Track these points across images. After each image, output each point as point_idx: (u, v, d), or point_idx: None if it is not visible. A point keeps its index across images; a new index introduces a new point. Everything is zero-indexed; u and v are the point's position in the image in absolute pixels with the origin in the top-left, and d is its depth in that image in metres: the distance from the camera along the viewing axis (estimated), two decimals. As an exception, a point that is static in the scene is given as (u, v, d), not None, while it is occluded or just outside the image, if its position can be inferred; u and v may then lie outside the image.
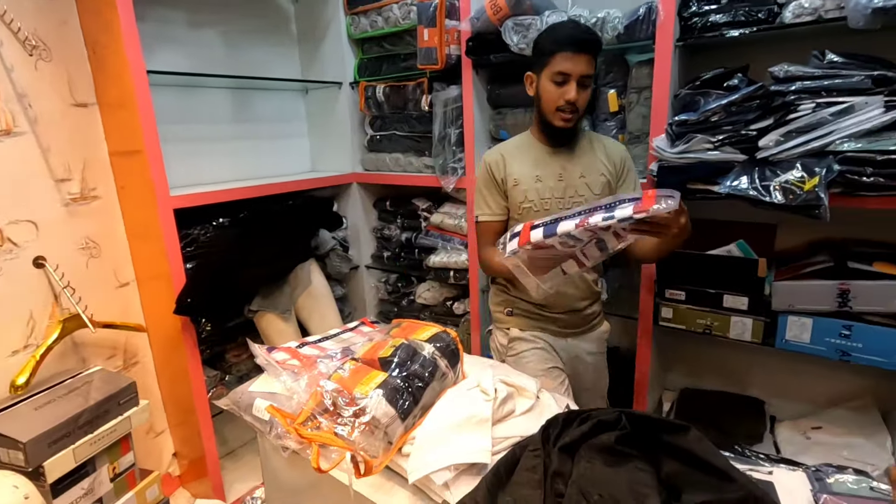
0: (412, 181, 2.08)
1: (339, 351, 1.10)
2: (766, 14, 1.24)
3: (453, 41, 1.74)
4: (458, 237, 2.02)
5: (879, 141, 1.10)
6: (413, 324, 1.10)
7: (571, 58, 1.18)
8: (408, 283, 2.33)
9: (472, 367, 1.09)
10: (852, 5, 1.09)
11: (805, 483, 0.84)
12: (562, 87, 1.21)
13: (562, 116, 1.23)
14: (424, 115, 1.97)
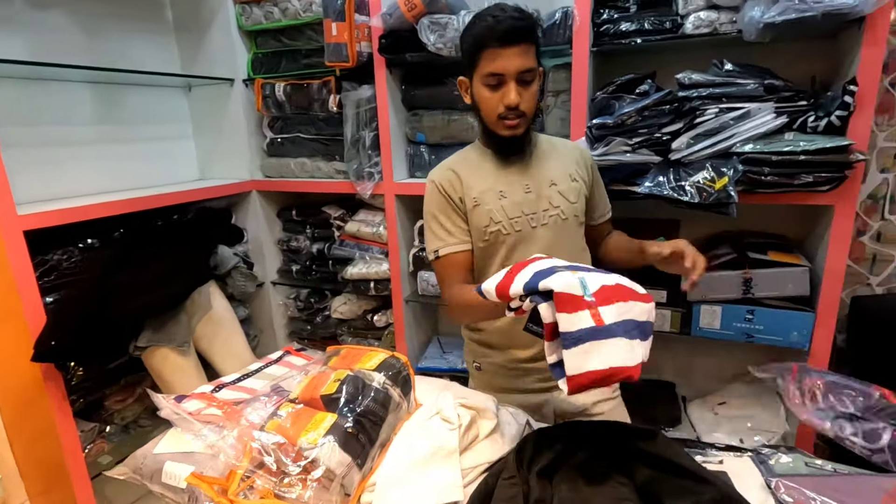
0: (322, 188, 1.92)
1: (269, 391, 0.95)
2: (671, 24, 1.32)
3: (364, 38, 1.63)
4: (376, 246, 1.91)
5: (773, 143, 1.22)
6: (354, 350, 0.98)
7: (500, 53, 0.97)
8: (321, 297, 2.16)
9: (423, 392, 1.00)
10: (746, 20, 1.19)
11: (753, 468, 0.89)
12: (498, 89, 1.01)
13: (506, 125, 1.03)
14: (333, 117, 1.83)
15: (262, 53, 1.95)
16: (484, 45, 0.99)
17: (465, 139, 1.67)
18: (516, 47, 0.98)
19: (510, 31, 0.97)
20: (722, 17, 1.27)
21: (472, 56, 1.02)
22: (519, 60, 0.99)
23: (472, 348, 1.22)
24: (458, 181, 1.11)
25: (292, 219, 2.12)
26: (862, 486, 0.82)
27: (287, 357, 1.16)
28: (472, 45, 1.02)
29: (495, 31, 0.98)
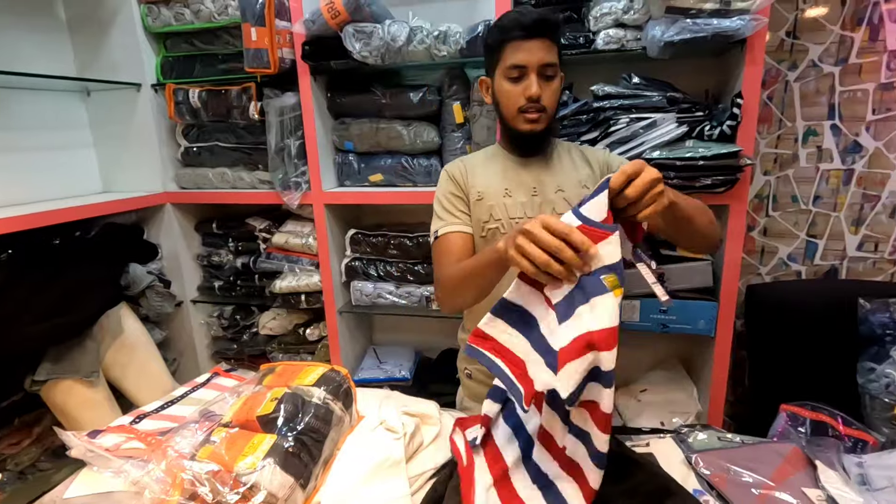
0: (245, 199, 1.83)
1: (199, 417, 0.89)
2: (584, 40, 1.41)
3: (285, 44, 1.58)
4: (306, 257, 1.85)
5: (676, 150, 1.34)
6: (290, 367, 0.95)
7: (524, 45, 0.98)
8: (247, 313, 2.05)
9: (364, 403, 0.98)
10: (649, 39, 1.30)
11: (675, 447, 0.97)
12: (520, 82, 1.00)
13: (526, 118, 1.01)
14: (255, 125, 1.75)
15: (172, 57, 1.82)
16: (509, 37, 0.99)
17: (394, 147, 1.68)
18: (540, 41, 0.99)
19: (536, 22, 0.98)
20: (628, 34, 1.38)
21: (495, 49, 1.02)
22: (542, 53, 0.99)
23: (464, 355, 1.21)
24: (466, 173, 1.12)
25: (213, 232, 2.00)
26: (764, 453, 0.92)
27: (216, 379, 1.09)
28: (497, 38, 1.02)
29: (521, 22, 0.99)
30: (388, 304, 1.79)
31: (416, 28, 1.48)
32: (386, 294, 1.78)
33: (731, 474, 0.86)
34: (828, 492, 0.81)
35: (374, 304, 1.81)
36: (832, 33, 1.49)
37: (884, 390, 1.36)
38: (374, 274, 1.79)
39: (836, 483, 0.83)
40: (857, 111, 1.52)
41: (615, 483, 0.79)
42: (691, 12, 1.23)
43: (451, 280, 0.97)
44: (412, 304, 1.76)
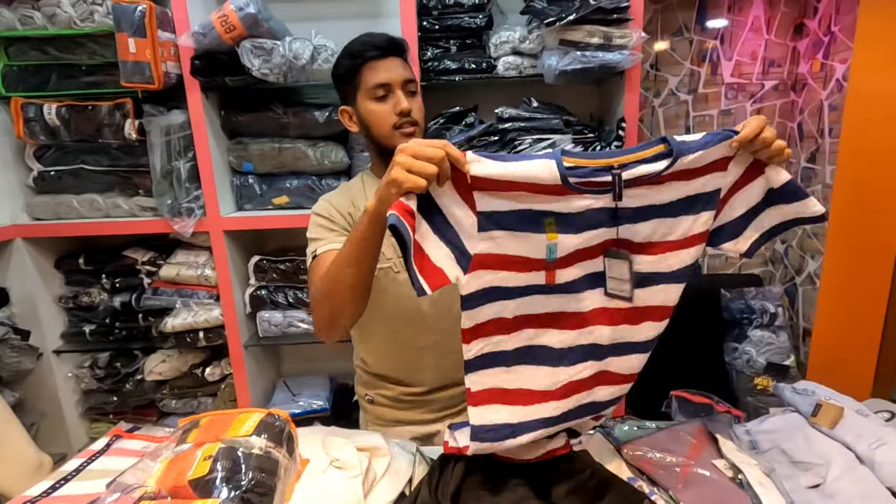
0: (122, 229, 1.61)
1: (111, 493, 0.75)
2: (486, 65, 1.50)
3: (170, 57, 1.44)
4: (203, 290, 1.67)
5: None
6: (218, 417, 0.85)
7: (381, 64, 0.97)
8: (129, 359, 1.80)
9: (303, 445, 0.92)
10: (545, 67, 1.42)
11: (604, 441, 1.06)
12: (387, 100, 0.98)
13: (404, 133, 0.98)
14: (132, 145, 1.56)
15: (18, 66, 1.55)
16: (364, 60, 0.98)
17: (299, 168, 1.61)
18: (395, 59, 1.00)
19: (388, 42, 0.99)
20: (525, 62, 1.50)
21: (352, 75, 1.00)
22: (401, 70, 0.99)
23: (365, 380, 1.16)
24: (352, 205, 1.03)
25: (79, 269, 1.72)
26: (677, 435, 1.04)
27: (118, 443, 0.94)
28: (350, 63, 1.00)
29: (373, 43, 0.98)
30: (301, 332, 1.69)
31: (321, 47, 1.45)
32: (297, 322, 1.69)
33: (656, 458, 0.96)
34: (731, 461, 0.94)
35: (284, 334, 1.70)
36: (684, 67, 1.77)
37: (745, 365, 1.62)
38: (283, 302, 1.68)
39: (735, 452, 0.97)
40: (706, 132, 1.82)
41: (561, 482, 0.84)
42: (581, 45, 1.37)
43: (323, 286, 0.88)
44: (327, 330, 1.68)
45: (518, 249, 0.73)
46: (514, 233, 0.72)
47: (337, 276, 0.86)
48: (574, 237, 0.74)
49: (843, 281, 1.61)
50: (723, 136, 0.73)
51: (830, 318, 1.64)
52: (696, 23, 1.73)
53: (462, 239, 0.72)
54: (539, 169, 0.70)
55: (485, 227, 0.72)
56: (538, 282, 0.76)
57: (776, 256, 1.88)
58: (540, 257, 0.74)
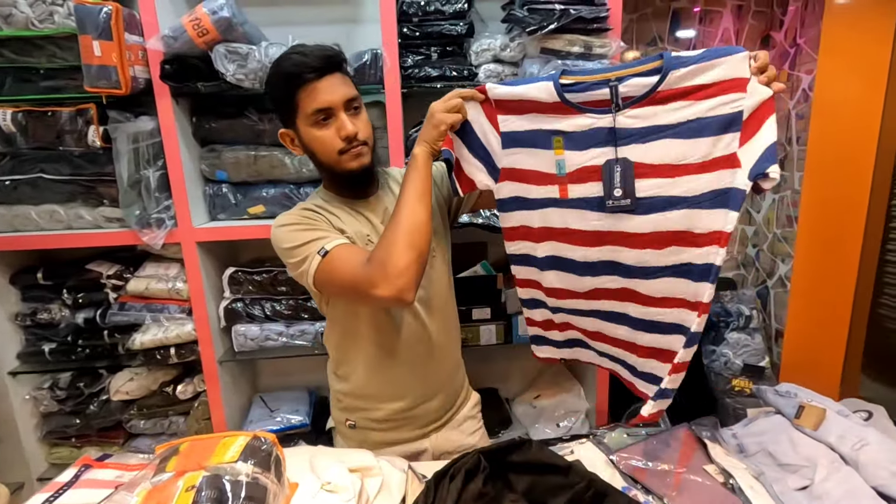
0: (85, 241, 1.52)
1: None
2: (467, 73, 1.49)
3: (137, 61, 1.37)
4: (174, 304, 1.60)
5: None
6: (200, 442, 0.81)
7: (320, 86, 0.89)
8: (94, 378, 1.70)
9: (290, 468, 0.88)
10: (527, 75, 1.43)
11: (595, 449, 1.05)
12: (330, 125, 0.91)
13: (352, 154, 0.93)
14: (97, 153, 1.47)
15: (-33, 69, 1.45)
16: (300, 82, 0.89)
17: (276, 176, 1.56)
18: (334, 76, 0.91)
19: (324, 60, 0.90)
20: (506, 69, 1.50)
21: (288, 99, 0.91)
22: (342, 89, 0.92)
23: (346, 405, 1.10)
24: (327, 213, 0.98)
25: (37, 284, 1.62)
26: (665, 441, 1.05)
27: (88, 473, 0.87)
28: (285, 86, 0.91)
29: (307, 64, 0.89)
30: (279, 346, 1.63)
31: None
32: (275, 335, 1.63)
33: (648, 466, 0.96)
34: (721, 465, 0.95)
35: (261, 348, 1.64)
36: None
37: (723, 367, 1.65)
38: (259, 315, 1.63)
39: (723, 456, 0.98)
40: (680, 140, 1.86)
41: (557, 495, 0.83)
42: (561, 53, 1.38)
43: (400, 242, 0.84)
44: (306, 343, 1.63)
45: (533, 164, 0.91)
46: (529, 149, 0.90)
47: (412, 216, 0.87)
48: (579, 154, 0.86)
49: (812, 283, 1.66)
50: (725, 51, 0.75)
51: (801, 320, 1.70)
52: (669, 33, 1.77)
53: (493, 156, 0.93)
54: (538, 89, 0.85)
55: (507, 144, 0.91)
56: (553, 195, 0.91)
57: (748, 260, 1.93)
58: (551, 172, 0.89)
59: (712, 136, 0.76)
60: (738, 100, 0.74)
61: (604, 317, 0.99)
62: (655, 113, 0.79)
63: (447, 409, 1.13)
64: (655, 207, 0.83)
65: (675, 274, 0.86)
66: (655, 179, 0.81)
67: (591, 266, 0.93)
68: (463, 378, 1.20)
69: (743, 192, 0.78)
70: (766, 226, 1.83)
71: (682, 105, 0.77)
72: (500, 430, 1.76)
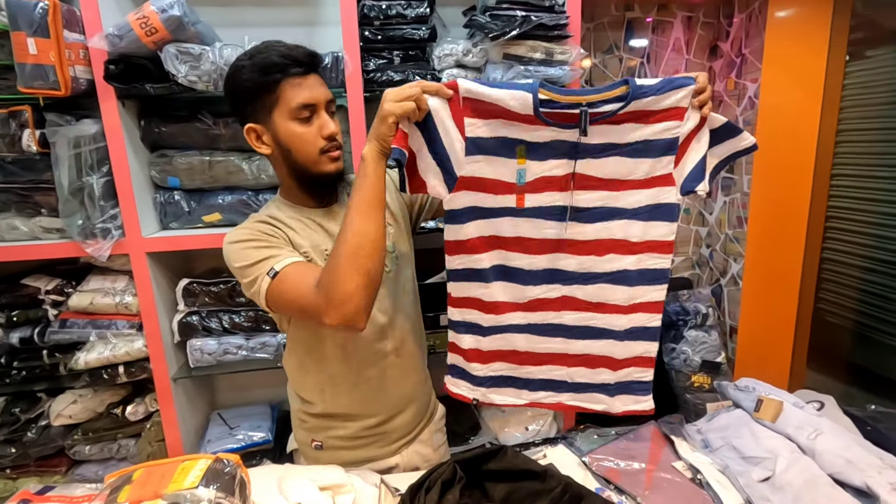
0: (20, 254, 1.40)
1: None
2: (431, 78, 1.48)
3: (79, 60, 1.28)
4: (122, 319, 1.50)
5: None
6: (156, 469, 0.75)
7: (305, 82, 0.87)
8: (31, 403, 1.57)
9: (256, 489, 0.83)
10: (490, 80, 1.43)
11: (567, 452, 1.05)
12: (311, 122, 0.88)
13: (331, 157, 0.91)
14: (32, 159, 1.37)
15: None
16: (283, 76, 0.86)
17: (233, 183, 1.50)
18: (317, 76, 0.91)
19: (310, 58, 0.89)
20: (469, 75, 1.50)
21: (266, 92, 0.87)
22: (324, 89, 0.91)
23: (312, 425, 1.05)
24: (283, 226, 0.93)
25: (-36, 302, 1.48)
26: (635, 439, 1.07)
27: (27, 509, 0.80)
28: (265, 79, 0.86)
29: (294, 58, 0.86)
30: (239, 360, 1.56)
31: (255, 54, 1.35)
32: (234, 349, 1.56)
33: (620, 466, 0.97)
34: (688, 461, 0.98)
35: (219, 362, 1.56)
36: (616, 83, 1.86)
37: (683, 364, 1.71)
38: (216, 328, 1.55)
39: (690, 452, 1.01)
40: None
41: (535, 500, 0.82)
42: (524, 59, 1.39)
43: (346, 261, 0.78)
44: (268, 356, 1.57)
45: (494, 173, 0.88)
46: (493, 157, 0.87)
47: (358, 235, 0.80)
48: (540, 164, 0.87)
49: (761, 281, 1.75)
50: (678, 83, 0.82)
51: (753, 316, 1.78)
52: (624, 41, 1.83)
53: (452, 162, 0.87)
54: (514, 98, 0.83)
55: (471, 151, 0.87)
56: (510, 204, 0.90)
57: (702, 260, 2.02)
58: (511, 181, 0.89)
59: (654, 158, 0.86)
60: (677, 127, 0.84)
61: (538, 330, 0.97)
62: (612, 131, 0.85)
63: (418, 421, 1.11)
64: (598, 218, 0.90)
65: (611, 281, 0.93)
66: (603, 192, 0.89)
67: (535, 275, 0.94)
68: (430, 388, 1.18)
69: (678, 206, 0.90)
70: (718, 227, 1.91)
71: (634, 127, 0.85)
72: (469, 437, 1.75)
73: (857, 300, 1.86)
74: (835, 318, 1.90)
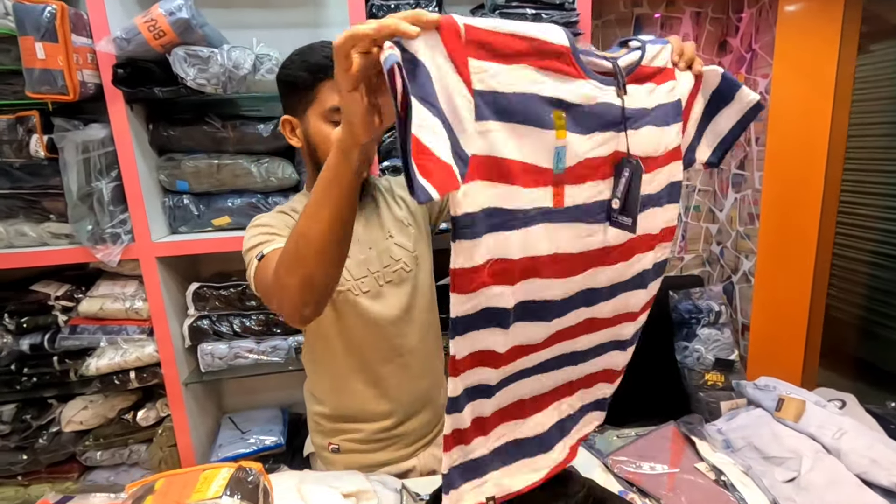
0: (28, 260, 1.40)
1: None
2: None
3: (86, 64, 1.27)
4: (133, 324, 1.49)
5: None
6: (177, 478, 0.74)
7: None
8: (42, 409, 1.56)
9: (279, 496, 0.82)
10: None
11: (588, 455, 1.04)
12: None
13: None
14: (41, 164, 1.36)
15: None
16: (325, 76, 0.87)
17: (241, 186, 1.49)
18: None
19: None
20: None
21: (307, 89, 0.89)
22: None
23: (327, 428, 1.04)
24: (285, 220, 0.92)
25: (-26, 309, 1.47)
26: (655, 440, 1.06)
27: (46, 520, 0.79)
28: (308, 77, 0.88)
29: None
30: (250, 363, 1.55)
31: (264, 56, 1.35)
32: (245, 353, 1.55)
33: (642, 469, 0.96)
34: (711, 462, 0.97)
35: (230, 367, 1.56)
36: (624, 80, 1.84)
37: (696, 363, 1.70)
38: (227, 332, 1.54)
39: (711, 453, 1.00)
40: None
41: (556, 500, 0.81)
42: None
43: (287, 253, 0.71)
44: (279, 359, 1.56)
45: (522, 152, 0.55)
46: (518, 125, 0.55)
47: (305, 229, 0.68)
48: (584, 139, 0.59)
49: (773, 278, 1.74)
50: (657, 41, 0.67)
51: (765, 313, 1.77)
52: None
53: (456, 131, 0.52)
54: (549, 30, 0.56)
55: (483, 114, 0.53)
56: (544, 204, 0.58)
57: (713, 257, 2.00)
58: (547, 166, 0.57)
59: (669, 126, 0.67)
60: (676, 87, 0.68)
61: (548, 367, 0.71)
62: (639, 93, 0.64)
63: (435, 423, 1.10)
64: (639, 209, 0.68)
65: (634, 286, 0.72)
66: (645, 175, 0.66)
67: (568, 303, 0.66)
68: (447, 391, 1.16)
69: (681, 184, 0.72)
70: (729, 224, 1.90)
71: (651, 88, 0.65)
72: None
73: (867, 296, 1.85)
74: (844, 314, 1.89)
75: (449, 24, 0.50)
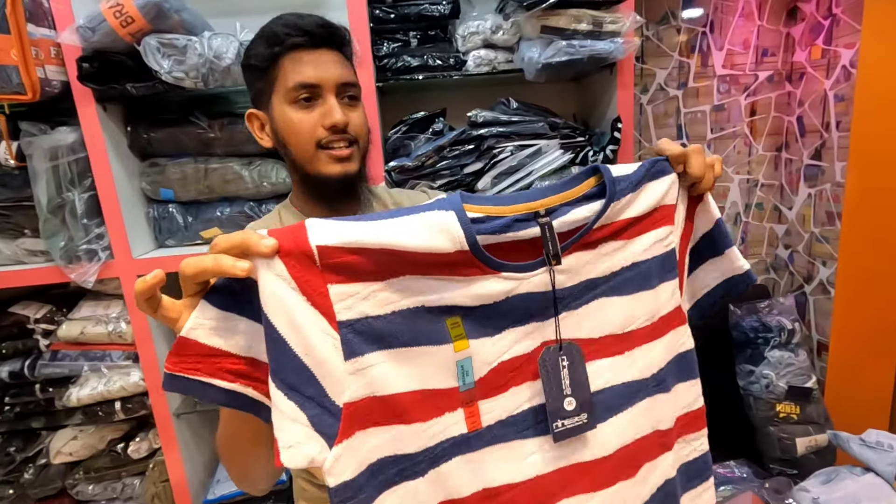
0: (3, 281, 1.26)
1: None
2: (454, 61, 1.25)
3: (50, 59, 1.12)
4: (117, 349, 1.34)
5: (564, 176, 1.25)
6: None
7: (309, 57, 0.70)
8: (29, 439, 1.44)
9: None
10: (525, 61, 1.20)
11: None
12: (313, 108, 0.70)
13: (332, 156, 0.71)
14: (10, 174, 1.22)
15: None
16: (286, 47, 0.70)
17: (231, 192, 1.31)
18: (332, 53, 0.72)
19: (322, 27, 0.71)
20: (499, 56, 1.27)
21: (265, 68, 0.71)
22: (338, 69, 0.72)
23: (313, 496, 0.86)
24: None
25: (-49, 333, 1.36)
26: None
27: None
28: (266, 51, 0.71)
29: (299, 27, 0.69)
30: (246, 391, 1.38)
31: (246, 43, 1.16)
32: (241, 380, 1.38)
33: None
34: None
35: (225, 395, 1.39)
36: (673, 59, 1.58)
37: (764, 390, 1.43)
38: (221, 356, 1.37)
39: (810, 535, 0.76)
40: (698, 131, 1.64)
41: None
42: (566, 33, 1.15)
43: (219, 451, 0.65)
44: (279, 386, 1.39)
45: (414, 380, 0.45)
46: (404, 349, 0.45)
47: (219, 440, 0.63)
48: (493, 340, 0.48)
49: (859, 289, 1.45)
50: (658, 169, 0.52)
51: (848, 331, 1.49)
52: (682, 9, 1.55)
53: (323, 384, 0.43)
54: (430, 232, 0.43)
55: (354, 349, 0.43)
56: (457, 431, 0.47)
57: (779, 263, 1.72)
58: (451, 385, 0.47)
59: (653, 287, 0.53)
60: (670, 234, 0.53)
61: None
62: (587, 261, 0.51)
63: None
64: (612, 407, 0.52)
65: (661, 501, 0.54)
66: (602, 361, 0.52)
67: None
68: None
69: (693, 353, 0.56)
70: (800, 224, 1.61)
71: (615, 247, 0.51)
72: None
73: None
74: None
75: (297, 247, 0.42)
